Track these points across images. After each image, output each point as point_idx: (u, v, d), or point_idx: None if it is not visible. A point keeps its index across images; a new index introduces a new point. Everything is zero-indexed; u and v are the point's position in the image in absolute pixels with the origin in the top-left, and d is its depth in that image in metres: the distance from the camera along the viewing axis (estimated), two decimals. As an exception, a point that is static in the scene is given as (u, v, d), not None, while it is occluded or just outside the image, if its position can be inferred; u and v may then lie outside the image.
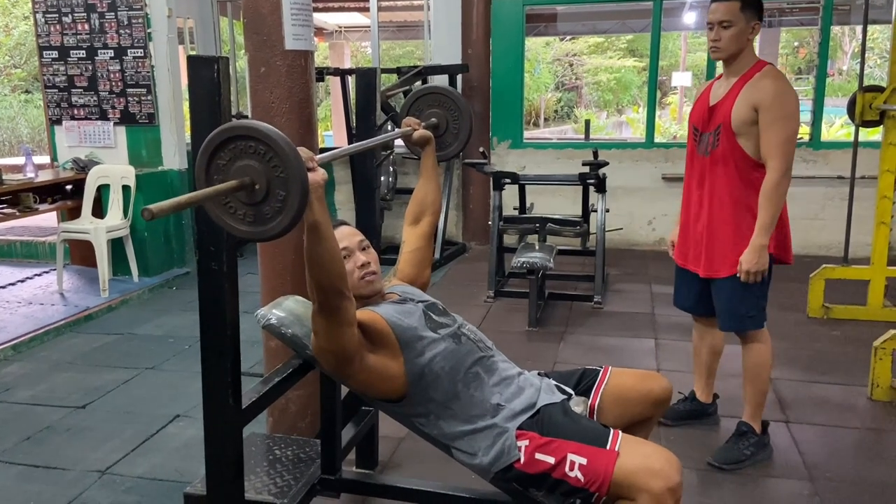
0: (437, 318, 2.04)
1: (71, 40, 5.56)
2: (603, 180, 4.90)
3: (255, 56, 2.68)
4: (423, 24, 6.86)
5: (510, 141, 6.55)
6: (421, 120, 2.48)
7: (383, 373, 1.91)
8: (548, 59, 18.06)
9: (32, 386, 3.64)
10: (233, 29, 7.69)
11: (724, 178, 2.62)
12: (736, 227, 2.60)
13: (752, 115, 2.52)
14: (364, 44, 13.08)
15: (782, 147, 2.49)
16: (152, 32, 5.45)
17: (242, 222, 1.44)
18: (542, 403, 1.98)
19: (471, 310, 4.75)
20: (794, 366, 3.76)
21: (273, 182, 1.40)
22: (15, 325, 4.45)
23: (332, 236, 1.67)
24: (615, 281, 5.43)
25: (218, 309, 1.68)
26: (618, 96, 21.22)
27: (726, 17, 2.53)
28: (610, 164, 6.26)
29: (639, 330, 4.35)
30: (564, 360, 3.88)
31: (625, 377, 2.15)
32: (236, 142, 1.40)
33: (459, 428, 1.95)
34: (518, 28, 6.41)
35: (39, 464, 2.87)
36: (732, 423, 2.92)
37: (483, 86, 6.41)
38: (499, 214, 4.92)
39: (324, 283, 1.68)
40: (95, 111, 5.65)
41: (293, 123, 2.70)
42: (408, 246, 2.31)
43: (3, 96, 13.76)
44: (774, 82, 2.51)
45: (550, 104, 20.80)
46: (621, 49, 18.70)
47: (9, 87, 13.84)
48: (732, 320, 2.73)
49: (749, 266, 2.55)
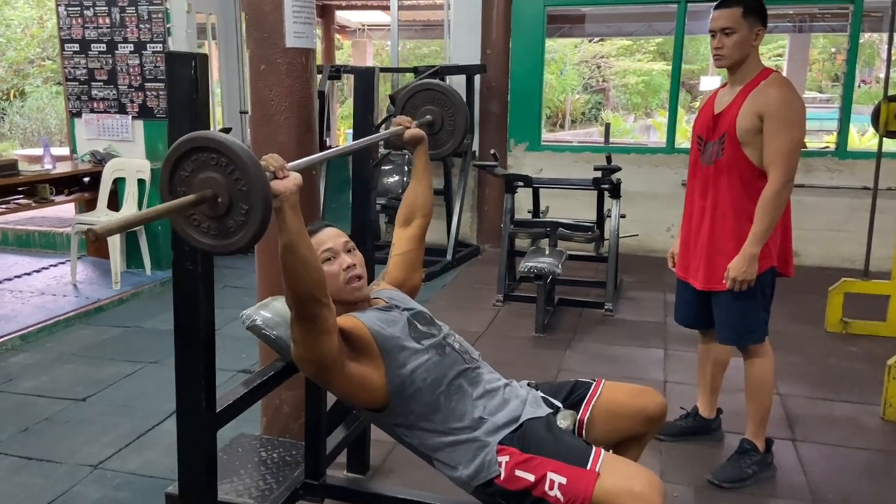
0: (422, 328, 2.00)
1: (92, 34, 5.60)
2: (617, 185, 4.81)
3: (256, 53, 2.66)
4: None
5: (527, 143, 6.48)
6: (416, 117, 2.43)
7: (364, 382, 1.87)
8: (574, 60, 17.89)
9: (36, 377, 3.66)
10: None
11: (727, 188, 2.55)
12: (738, 239, 2.52)
13: (757, 123, 2.44)
14: (388, 42, 13.10)
15: (786, 157, 2.41)
16: (172, 27, 5.47)
17: (206, 235, 1.42)
18: (526, 417, 1.92)
19: (479, 313, 4.70)
20: (806, 381, 3.65)
21: (235, 195, 1.37)
22: (25, 315, 4.49)
23: (307, 243, 1.63)
24: (629, 288, 5.34)
25: (192, 310, 1.65)
26: (646, 100, 20.99)
27: (728, 24, 2.45)
28: (629, 169, 6.19)
29: (648, 339, 4.26)
30: (569, 369, 3.82)
31: (617, 392, 2.08)
32: (199, 153, 1.37)
33: (440, 440, 1.90)
34: (539, 29, 6.34)
35: (33, 456, 2.88)
36: (736, 439, 2.84)
37: (501, 87, 6.35)
38: (510, 217, 4.86)
39: (299, 291, 1.65)
40: (114, 105, 5.69)
41: (292, 122, 2.68)
42: (397, 248, 2.27)
43: (34, 88, 13.97)
44: (780, 90, 2.43)
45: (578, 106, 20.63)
46: (650, 52, 18.47)
47: (40, 79, 14.05)
48: (733, 334, 2.66)
49: (736, 273, 2.48)
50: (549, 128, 19.19)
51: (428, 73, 5.55)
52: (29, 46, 13.65)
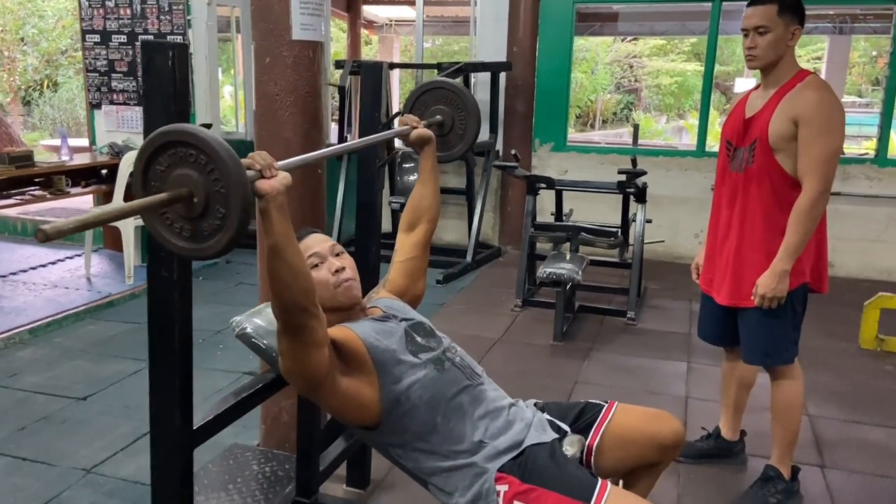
0: (421, 341, 1.86)
1: (113, 25, 5.56)
2: (643, 189, 4.63)
3: (261, 45, 2.55)
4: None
5: (553, 143, 6.30)
6: (425, 116, 2.30)
7: (356, 398, 1.73)
8: (606, 59, 17.60)
9: (39, 372, 3.60)
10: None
11: (757, 197, 2.37)
12: (768, 252, 2.34)
13: (791, 128, 2.26)
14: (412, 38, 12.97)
15: (822, 165, 2.23)
16: (192, 20, 5.40)
17: (180, 237, 1.31)
18: (529, 443, 1.77)
19: (495, 318, 4.55)
20: (838, 402, 3.45)
21: (212, 196, 1.25)
22: (36, 308, 4.44)
23: (295, 248, 1.50)
24: (654, 296, 5.15)
25: (166, 320, 1.53)
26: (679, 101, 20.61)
27: (763, 22, 2.27)
28: (657, 173, 6.00)
29: (671, 351, 4.08)
30: (586, 380, 3.65)
31: (630, 416, 1.93)
32: (176, 147, 1.26)
33: (436, 463, 1.76)
34: (567, 26, 6.15)
35: (27, 457, 2.80)
36: (761, 463, 2.66)
37: (527, 85, 6.18)
38: (531, 220, 4.70)
39: (286, 300, 1.52)
40: (133, 97, 5.64)
41: (297, 118, 2.56)
42: (400, 255, 2.13)
43: (66, 78, 14.09)
44: (817, 93, 2.24)
45: (609, 106, 20.33)
46: (684, 52, 18.11)
47: (72, 70, 14.16)
48: (759, 354, 2.48)
49: (765, 290, 2.30)
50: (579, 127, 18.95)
51: (451, 69, 5.41)
52: (61, 37, 13.76)
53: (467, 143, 2.28)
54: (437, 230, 6.88)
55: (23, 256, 5.67)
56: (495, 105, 6.04)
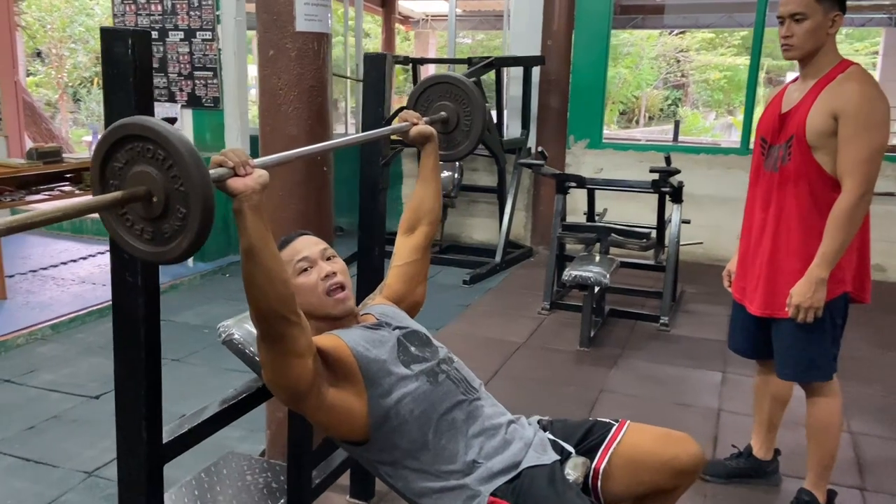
0: (414, 351, 1.73)
1: (144, 21, 5.56)
2: (679, 189, 4.41)
3: (264, 37, 2.44)
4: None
5: (588, 140, 6.10)
6: (430, 113, 2.17)
7: (343, 412, 1.62)
8: (652, 54, 17.20)
9: (56, 370, 3.58)
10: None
11: (794, 199, 2.17)
12: (805, 258, 2.14)
13: (831, 124, 2.06)
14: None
15: (864, 164, 2.03)
16: (221, 15, 5.36)
17: (140, 239, 1.22)
18: (527, 465, 1.63)
19: (521, 322, 4.39)
20: (882, 419, 3.20)
21: (172, 195, 1.16)
22: (62, 303, 4.45)
23: (272, 252, 1.40)
24: (690, 300, 4.92)
25: (131, 328, 1.43)
26: (729, 96, 20.05)
27: (800, 8, 2.07)
28: (698, 171, 5.75)
29: (706, 360, 3.87)
30: (611, 389, 3.47)
31: (643, 437, 1.77)
32: (133, 142, 1.17)
33: (427, 484, 1.63)
34: (604, 19, 5.94)
35: (32, 458, 2.77)
36: (796, 484, 2.47)
37: (561, 80, 5.98)
38: (560, 220, 4.52)
39: (262, 307, 1.42)
40: (165, 93, 5.64)
41: (301, 112, 2.45)
42: (399, 259, 2.00)
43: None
44: (859, 86, 2.04)
45: (655, 102, 19.89)
46: (734, 46, 17.58)
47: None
48: (794, 369, 2.28)
49: (801, 300, 2.11)
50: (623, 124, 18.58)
51: (481, 64, 5.27)
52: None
53: (473, 141, 2.15)
54: (467, 229, 6.78)
55: (55, 251, 5.72)
56: (527, 101, 5.87)
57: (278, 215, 2.53)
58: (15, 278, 4.88)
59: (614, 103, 17.30)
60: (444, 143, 2.16)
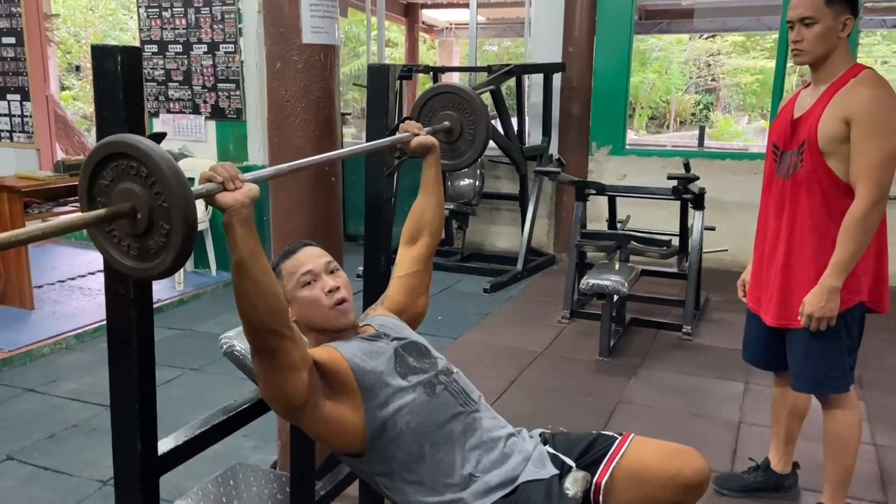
0: (412, 362, 1.72)
1: (169, 35, 5.65)
2: (700, 195, 4.34)
3: (272, 50, 2.46)
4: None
5: (611, 146, 6.04)
6: (433, 123, 2.16)
7: (340, 424, 1.61)
8: (681, 58, 17.00)
9: (78, 379, 3.64)
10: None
11: (807, 206, 2.12)
12: (818, 267, 2.09)
13: (843, 129, 2.00)
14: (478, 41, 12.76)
15: (877, 170, 1.97)
16: (243, 28, 5.43)
17: (127, 255, 1.23)
18: (524, 479, 1.61)
19: (541, 330, 4.35)
20: (912, 432, 3.11)
21: (156, 212, 1.17)
22: (87, 313, 4.52)
23: (262, 266, 1.40)
24: (714, 308, 4.84)
25: (124, 341, 1.44)
26: (762, 100, 19.72)
27: (808, 12, 2.03)
28: (724, 177, 5.66)
29: (728, 370, 3.78)
30: (629, 400, 3.42)
31: (647, 450, 1.73)
32: (118, 160, 1.18)
33: (423, 497, 1.62)
34: (626, 24, 5.89)
35: (50, 466, 2.81)
36: (815, 498, 2.41)
37: (583, 86, 5.94)
38: (580, 227, 4.48)
39: (254, 321, 1.42)
40: (189, 105, 5.72)
41: (309, 124, 2.46)
42: (401, 269, 1.99)
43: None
44: (872, 90, 1.98)
45: (686, 106, 19.64)
46: (766, 49, 17.29)
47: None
48: (809, 380, 2.22)
49: (813, 309, 2.06)
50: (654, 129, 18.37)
51: (500, 72, 5.25)
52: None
53: (477, 150, 2.13)
54: (489, 236, 6.75)
55: (84, 261, 5.82)
56: (548, 107, 5.83)
57: (286, 225, 2.55)
58: (43, 288, 4.99)
59: (643, 108, 17.14)
60: (449, 152, 2.15)
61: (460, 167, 2.18)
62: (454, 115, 2.12)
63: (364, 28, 7.73)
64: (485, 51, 14.33)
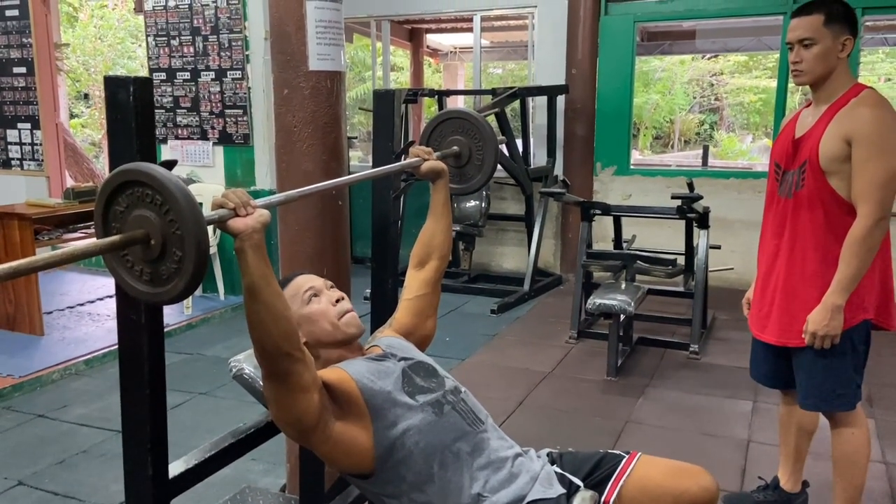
0: (420, 382, 1.73)
1: (177, 62, 5.73)
2: (705, 214, 4.36)
3: (279, 77, 2.51)
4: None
5: (615, 167, 6.08)
6: (442, 147, 2.20)
7: (349, 444, 1.62)
8: (684, 78, 17.09)
9: (87, 404, 3.66)
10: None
11: (809, 225, 2.14)
12: (821, 285, 2.10)
13: (844, 149, 2.03)
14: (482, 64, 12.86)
15: (879, 189, 1.99)
16: (250, 55, 5.51)
17: (139, 280, 1.27)
18: (532, 499, 1.62)
19: (548, 351, 4.36)
20: (923, 450, 3.09)
21: (169, 239, 1.21)
22: (96, 338, 4.55)
23: (274, 289, 1.42)
24: (721, 327, 4.83)
25: (135, 366, 1.47)
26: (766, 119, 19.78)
27: (808, 34, 2.06)
28: (729, 196, 5.68)
29: (737, 389, 3.78)
30: (638, 420, 3.42)
31: (654, 469, 1.74)
32: (133, 187, 1.22)
33: (432, 518, 1.63)
34: (628, 46, 5.95)
35: (59, 492, 2.82)
36: (827, 519, 2.39)
37: (587, 108, 5.99)
38: (586, 248, 4.50)
39: (267, 345, 1.44)
40: (197, 131, 5.79)
41: (316, 150, 2.50)
42: (409, 292, 2.01)
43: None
44: (872, 110, 2.01)
45: (690, 126, 19.71)
46: (769, 68, 17.39)
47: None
48: (816, 398, 2.22)
49: (816, 328, 2.07)
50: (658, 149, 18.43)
51: (505, 95, 5.31)
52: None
53: (486, 175, 2.17)
54: (496, 257, 6.77)
55: (93, 287, 5.87)
56: (553, 129, 5.88)
57: (294, 249, 2.58)
58: (53, 314, 5.02)
59: (647, 128, 17.20)
60: (458, 176, 2.19)
61: (469, 191, 2.21)
62: (463, 140, 2.16)
63: (369, 53, 7.82)
64: (489, 74, 14.42)
